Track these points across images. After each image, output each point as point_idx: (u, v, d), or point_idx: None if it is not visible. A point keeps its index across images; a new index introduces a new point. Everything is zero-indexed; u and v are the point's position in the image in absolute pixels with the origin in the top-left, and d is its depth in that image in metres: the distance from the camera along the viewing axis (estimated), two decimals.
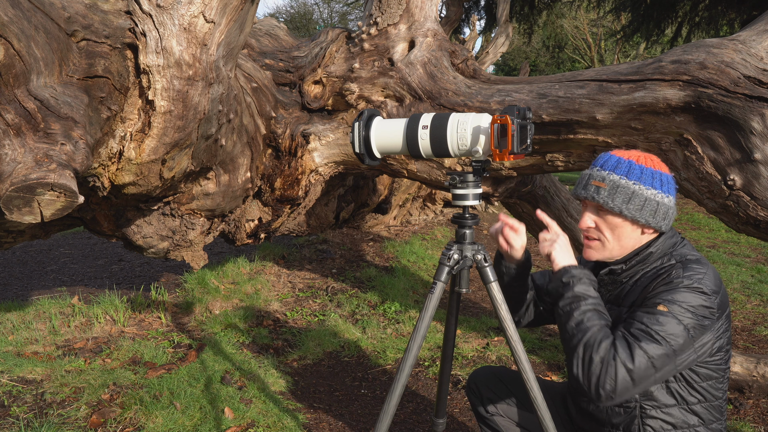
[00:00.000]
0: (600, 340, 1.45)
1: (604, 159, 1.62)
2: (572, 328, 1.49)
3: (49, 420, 2.56)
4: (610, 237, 1.60)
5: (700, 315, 1.46)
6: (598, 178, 1.58)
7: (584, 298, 1.52)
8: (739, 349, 3.49)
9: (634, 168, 1.56)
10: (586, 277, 1.57)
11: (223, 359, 3.30)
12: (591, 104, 2.49)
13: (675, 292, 1.47)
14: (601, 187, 1.57)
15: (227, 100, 2.25)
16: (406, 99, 2.95)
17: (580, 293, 1.53)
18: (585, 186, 1.61)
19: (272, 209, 3.15)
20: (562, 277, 1.57)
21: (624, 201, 1.55)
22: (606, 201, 1.56)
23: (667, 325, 1.43)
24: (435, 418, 1.92)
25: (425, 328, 1.60)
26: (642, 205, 1.55)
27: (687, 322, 1.44)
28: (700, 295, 1.47)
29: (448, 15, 5.84)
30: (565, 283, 1.56)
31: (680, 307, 1.45)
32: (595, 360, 1.43)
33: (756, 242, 6.33)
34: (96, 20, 1.83)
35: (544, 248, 1.65)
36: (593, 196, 1.58)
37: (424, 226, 7.12)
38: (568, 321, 1.52)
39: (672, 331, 1.43)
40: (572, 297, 1.53)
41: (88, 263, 5.76)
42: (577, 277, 1.56)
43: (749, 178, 2.20)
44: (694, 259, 1.56)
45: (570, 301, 1.53)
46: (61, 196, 1.53)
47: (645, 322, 1.45)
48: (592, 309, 1.51)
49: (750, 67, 2.24)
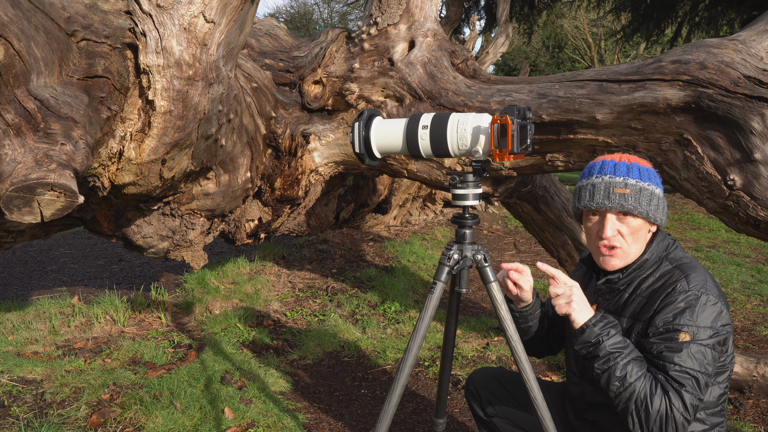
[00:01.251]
0: (651, 392, 1.44)
1: (607, 166, 1.59)
2: (617, 387, 1.47)
3: (49, 420, 2.56)
4: (631, 241, 1.59)
5: (719, 326, 1.48)
6: (620, 186, 1.56)
7: (618, 352, 1.48)
8: (739, 349, 3.49)
9: (643, 170, 1.57)
10: (611, 326, 1.52)
11: (223, 359, 3.30)
12: (591, 104, 2.49)
13: (692, 314, 1.47)
14: (627, 194, 1.55)
15: (227, 100, 2.25)
16: (406, 99, 2.95)
17: (613, 349, 1.48)
18: (608, 196, 1.56)
19: (272, 209, 3.15)
20: (590, 338, 1.51)
21: (647, 203, 1.55)
22: (635, 206, 1.54)
23: (700, 356, 1.45)
24: (435, 418, 1.91)
25: (425, 328, 1.60)
26: (657, 204, 1.57)
27: (712, 342, 1.46)
28: (713, 307, 1.48)
29: (448, 15, 5.84)
30: (594, 343, 1.50)
31: (701, 329, 1.46)
32: (653, 414, 1.43)
33: (756, 242, 6.33)
34: (96, 20, 1.83)
35: (560, 308, 1.55)
36: (621, 203, 1.55)
37: (424, 226, 7.12)
38: (609, 380, 1.48)
39: (705, 361, 1.45)
40: (606, 356, 1.48)
41: (88, 263, 5.76)
42: (604, 333, 1.50)
43: (749, 178, 2.20)
44: (688, 263, 1.58)
45: (605, 360, 1.48)
46: (61, 196, 1.53)
47: (678, 362, 1.44)
48: (629, 360, 1.47)
49: (750, 67, 2.24)
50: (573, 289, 1.56)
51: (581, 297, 1.56)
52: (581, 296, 1.56)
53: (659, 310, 1.51)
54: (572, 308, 1.53)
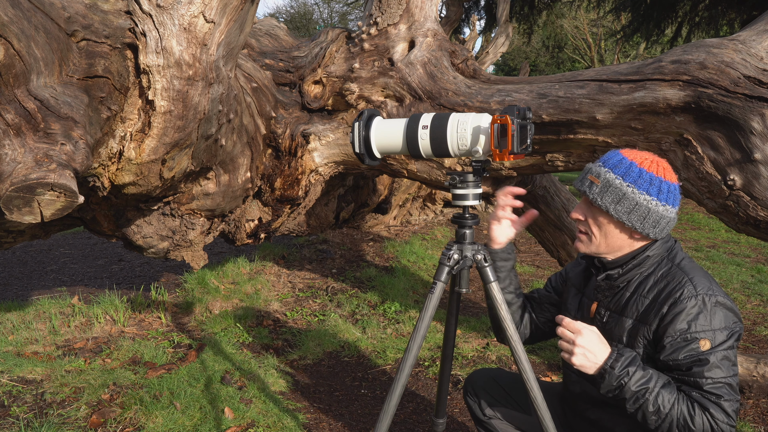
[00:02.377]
0: (690, 414, 1.42)
1: (608, 156, 1.60)
2: (655, 420, 1.44)
3: (49, 420, 2.56)
4: (597, 233, 1.59)
5: (732, 324, 1.48)
6: (594, 174, 1.57)
7: (645, 388, 1.45)
8: (739, 349, 3.49)
9: (634, 170, 1.52)
10: (629, 364, 1.46)
11: (223, 359, 3.30)
12: (591, 104, 2.49)
13: (706, 318, 1.46)
14: (595, 183, 1.55)
15: (227, 100, 2.25)
16: (406, 99, 2.95)
17: (639, 388, 1.45)
18: (582, 179, 1.60)
19: (272, 209, 3.15)
20: (613, 382, 1.46)
21: (613, 201, 1.52)
22: (595, 197, 1.54)
23: (725, 363, 1.44)
24: (435, 418, 1.91)
25: (425, 328, 1.60)
26: (631, 209, 1.51)
27: (731, 342, 1.46)
28: (723, 307, 1.48)
29: (448, 15, 5.85)
30: (617, 386, 1.46)
31: (718, 332, 1.46)
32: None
33: (756, 242, 6.33)
34: (96, 20, 1.83)
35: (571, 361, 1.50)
36: (586, 190, 1.57)
37: (424, 226, 7.12)
38: (646, 417, 1.45)
39: (729, 364, 1.45)
40: (634, 395, 1.45)
41: (88, 263, 5.76)
42: (624, 375, 1.45)
43: (749, 178, 2.20)
44: (690, 264, 1.57)
45: (634, 400, 1.45)
46: (61, 196, 1.53)
47: (708, 376, 1.44)
48: (658, 392, 1.45)
49: (750, 67, 2.24)
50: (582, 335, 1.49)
51: (592, 340, 1.49)
52: (591, 339, 1.49)
53: (672, 320, 1.48)
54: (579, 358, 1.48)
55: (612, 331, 1.60)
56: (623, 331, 1.57)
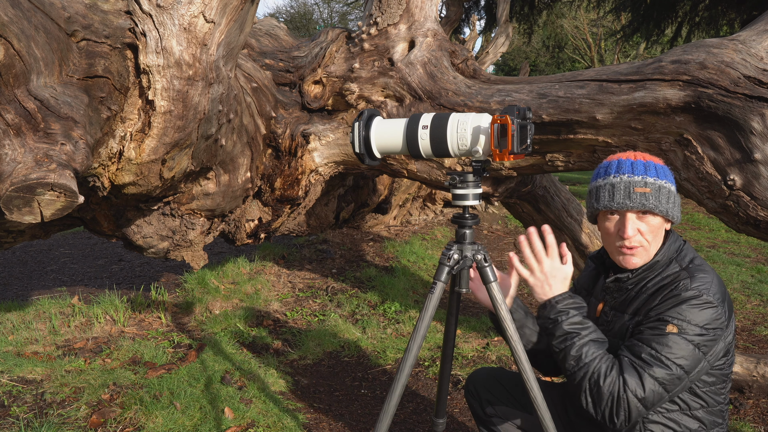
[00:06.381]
0: (605, 372, 1.45)
1: (626, 166, 1.58)
2: (572, 366, 1.50)
3: (49, 420, 2.56)
4: (651, 239, 1.58)
5: (710, 328, 1.46)
6: (641, 185, 1.55)
7: (576, 333, 1.52)
8: (739, 349, 3.49)
9: (657, 168, 1.57)
10: (573, 307, 1.56)
11: (223, 359, 3.30)
12: (591, 104, 2.49)
13: (685, 309, 1.46)
14: (648, 193, 1.54)
15: (227, 100, 2.25)
16: (406, 99, 2.95)
17: (571, 329, 1.52)
18: (629, 196, 1.54)
19: (272, 209, 3.15)
20: (550, 315, 1.56)
21: (667, 201, 1.55)
22: (656, 204, 1.54)
23: (677, 347, 1.43)
24: (435, 418, 1.91)
25: (425, 328, 1.60)
26: (674, 201, 1.58)
27: (698, 340, 1.44)
28: (709, 309, 1.47)
29: (448, 15, 5.85)
30: (553, 320, 1.55)
31: (690, 325, 1.45)
32: (604, 393, 1.43)
33: (756, 242, 6.33)
34: (96, 20, 1.83)
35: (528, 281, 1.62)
36: (643, 203, 1.54)
37: (424, 226, 7.11)
38: (566, 359, 1.51)
39: (682, 353, 1.43)
40: (564, 335, 1.52)
41: (88, 263, 5.76)
42: (563, 313, 1.54)
43: (749, 178, 2.20)
44: (698, 265, 1.57)
45: (563, 339, 1.53)
46: (61, 196, 1.53)
47: (654, 346, 1.44)
48: (587, 342, 1.50)
49: (750, 67, 2.24)
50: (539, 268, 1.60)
51: (553, 274, 1.60)
52: (553, 273, 1.60)
53: (657, 305, 1.52)
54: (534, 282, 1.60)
55: (615, 328, 1.61)
56: (623, 327, 1.58)
